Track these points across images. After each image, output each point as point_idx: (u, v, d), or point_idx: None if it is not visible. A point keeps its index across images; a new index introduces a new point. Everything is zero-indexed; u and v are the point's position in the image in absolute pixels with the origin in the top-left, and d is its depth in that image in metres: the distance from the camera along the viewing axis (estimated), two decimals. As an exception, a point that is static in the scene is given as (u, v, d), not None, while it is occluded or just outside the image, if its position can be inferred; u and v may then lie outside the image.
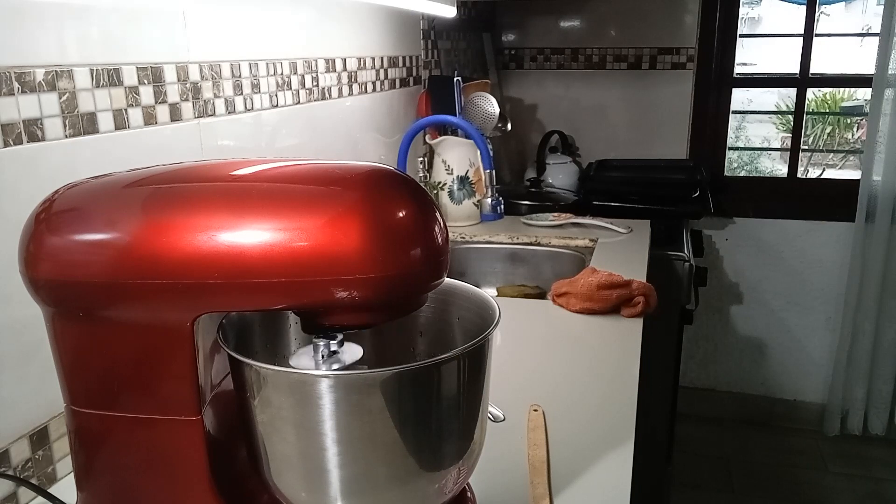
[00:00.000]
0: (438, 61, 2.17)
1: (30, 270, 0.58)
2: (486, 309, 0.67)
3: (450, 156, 1.90)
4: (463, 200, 1.91)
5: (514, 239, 1.84)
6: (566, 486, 0.81)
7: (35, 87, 0.78)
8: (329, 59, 1.48)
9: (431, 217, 0.56)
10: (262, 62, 1.23)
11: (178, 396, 0.59)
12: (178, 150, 1.02)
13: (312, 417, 0.56)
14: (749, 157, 4.85)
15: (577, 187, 2.46)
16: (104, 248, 0.57)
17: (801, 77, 2.66)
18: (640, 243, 1.79)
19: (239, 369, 0.59)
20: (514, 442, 0.90)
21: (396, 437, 0.58)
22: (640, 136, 2.72)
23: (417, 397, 0.58)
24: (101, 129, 0.88)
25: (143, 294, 0.56)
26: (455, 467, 0.62)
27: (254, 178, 0.60)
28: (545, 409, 0.97)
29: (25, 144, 0.77)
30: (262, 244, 0.53)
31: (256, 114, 1.22)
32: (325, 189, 0.55)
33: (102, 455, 0.64)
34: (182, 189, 0.59)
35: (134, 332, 0.58)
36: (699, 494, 2.38)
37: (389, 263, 0.53)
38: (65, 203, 0.60)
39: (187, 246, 0.54)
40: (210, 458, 0.61)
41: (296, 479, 0.61)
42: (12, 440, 0.78)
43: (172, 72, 1.00)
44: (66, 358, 0.61)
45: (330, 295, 0.54)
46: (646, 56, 2.65)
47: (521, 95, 2.81)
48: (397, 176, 0.57)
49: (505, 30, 2.77)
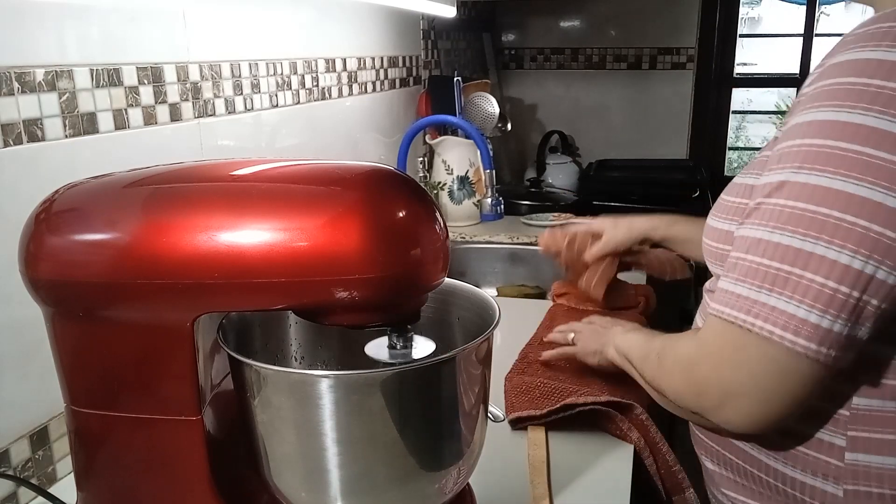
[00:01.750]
0: (438, 61, 2.17)
1: (30, 270, 0.58)
2: (486, 309, 0.67)
3: (450, 156, 1.90)
4: (463, 200, 1.91)
5: (514, 239, 1.84)
6: (566, 486, 0.81)
7: (35, 87, 0.78)
8: (329, 59, 1.48)
9: (431, 217, 0.56)
10: (262, 62, 1.23)
11: (178, 396, 0.59)
12: (178, 150, 1.02)
13: (312, 417, 0.56)
14: (749, 157, 4.85)
15: (577, 187, 2.46)
16: (104, 248, 0.57)
17: (801, 77, 2.66)
18: (640, 243, 1.78)
19: (239, 369, 0.59)
20: (514, 442, 0.90)
21: (396, 437, 0.58)
22: (640, 136, 2.72)
23: (417, 397, 0.58)
24: (101, 129, 0.88)
25: (143, 294, 0.56)
26: (455, 467, 0.62)
27: (254, 178, 0.60)
28: (545, 409, 0.97)
29: (25, 144, 0.77)
30: (262, 244, 0.53)
31: (256, 114, 1.22)
32: (325, 189, 0.55)
33: (102, 455, 0.64)
34: (182, 189, 0.59)
35: (134, 332, 0.58)
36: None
37: (389, 263, 0.53)
38: (65, 203, 0.60)
39: (187, 246, 0.54)
40: (210, 458, 0.61)
41: (296, 479, 0.61)
42: (12, 440, 0.78)
43: (172, 72, 1.00)
44: (66, 358, 0.61)
45: (330, 295, 0.54)
46: (646, 56, 2.65)
47: (521, 95, 2.81)
48: (397, 176, 0.57)
49: (505, 30, 2.78)
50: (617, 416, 0.90)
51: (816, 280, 0.57)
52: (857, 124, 0.56)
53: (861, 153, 0.55)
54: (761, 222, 0.60)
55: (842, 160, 0.56)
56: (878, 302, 0.57)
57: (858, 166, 0.55)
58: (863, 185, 0.55)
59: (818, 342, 0.57)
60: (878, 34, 0.57)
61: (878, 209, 0.55)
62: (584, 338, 0.98)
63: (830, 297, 0.56)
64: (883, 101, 0.55)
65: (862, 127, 0.56)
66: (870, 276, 0.56)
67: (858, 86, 0.56)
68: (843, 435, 0.65)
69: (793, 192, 0.58)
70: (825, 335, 0.57)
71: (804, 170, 0.58)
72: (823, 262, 0.56)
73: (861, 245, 0.55)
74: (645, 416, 0.90)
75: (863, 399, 0.64)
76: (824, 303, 0.56)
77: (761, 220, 0.60)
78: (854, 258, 0.56)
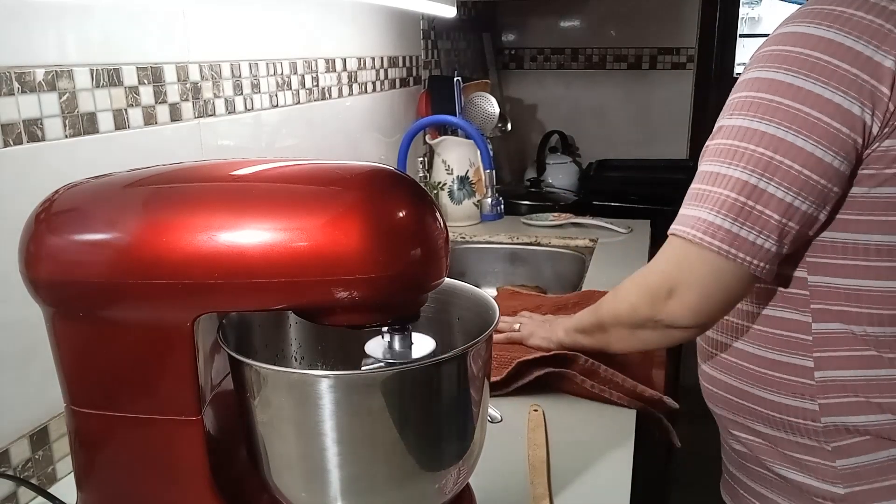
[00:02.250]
0: (438, 61, 2.17)
1: (30, 270, 0.58)
2: (486, 309, 0.67)
3: (450, 156, 1.90)
4: (463, 200, 1.91)
5: (514, 239, 1.84)
6: (566, 486, 0.81)
7: (35, 87, 0.78)
8: (329, 59, 1.48)
9: (431, 217, 0.56)
10: (262, 62, 1.23)
11: (178, 396, 0.59)
12: (178, 150, 1.02)
13: (312, 417, 0.56)
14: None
15: (577, 187, 2.46)
16: (104, 248, 0.57)
17: (801, 77, 2.66)
18: (641, 243, 1.79)
19: (239, 369, 0.59)
20: (514, 442, 0.90)
21: (396, 437, 0.58)
22: (640, 136, 2.72)
23: (417, 397, 0.58)
24: (101, 129, 0.88)
25: (143, 294, 0.56)
26: (455, 467, 0.62)
27: (254, 178, 0.60)
28: (545, 409, 0.97)
29: (25, 144, 0.77)
30: (262, 244, 0.53)
31: (256, 114, 1.22)
32: (325, 189, 0.55)
33: (102, 455, 0.64)
34: (182, 189, 0.59)
35: (134, 332, 0.58)
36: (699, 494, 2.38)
37: (389, 263, 0.53)
38: (65, 203, 0.60)
39: (187, 246, 0.54)
40: (210, 458, 0.61)
41: (296, 479, 0.61)
42: (12, 440, 0.78)
43: (172, 72, 1.00)
44: (66, 358, 0.61)
45: (330, 295, 0.54)
46: (646, 56, 2.65)
47: (521, 95, 2.81)
48: (397, 176, 0.57)
49: (505, 30, 2.78)
50: (568, 372, 0.99)
51: (723, 193, 0.73)
52: (778, 80, 0.72)
53: (772, 101, 0.72)
54: (704, 159, 0.77)
55: (758, 107, 0.73)
56: (773, 213, 0.72)
57: (770, 111, 0.72)
58: (771, 125, 0.72)
59: (728, 244, 0.73)
60: (810, 13, 0.74)
61: (779, 142, 0.71)
62: (529, 326, 1.09)
63: (731, 205, 0.72)
64: (798, 64, 0.71)
65: (779, 82, 0.72)
66: (762, 190, 0.71)
67: (785, 52, 0.73)
68: (810, 357, 0.80)
69: (723, 133, 0.75)
70: (733, 238, 0.72)
71: (735, 115, 0.75)
72: (729, 179, 0.73)
73: (756, 165, 0.72)
74: (589, 362, 0.98)
75: (820, 325, 0.79)
76: (727, 209, 0.72)
77: (704, 157, 0.77)
78: (751, 175, 0.72)
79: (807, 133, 0.70)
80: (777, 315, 0.82)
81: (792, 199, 0.71)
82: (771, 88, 0.72)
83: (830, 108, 0.70)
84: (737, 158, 0.73)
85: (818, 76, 0.70)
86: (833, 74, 0.70)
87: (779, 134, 0.71)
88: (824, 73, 0.70)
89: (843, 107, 0.70)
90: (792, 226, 0.73)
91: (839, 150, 0.71)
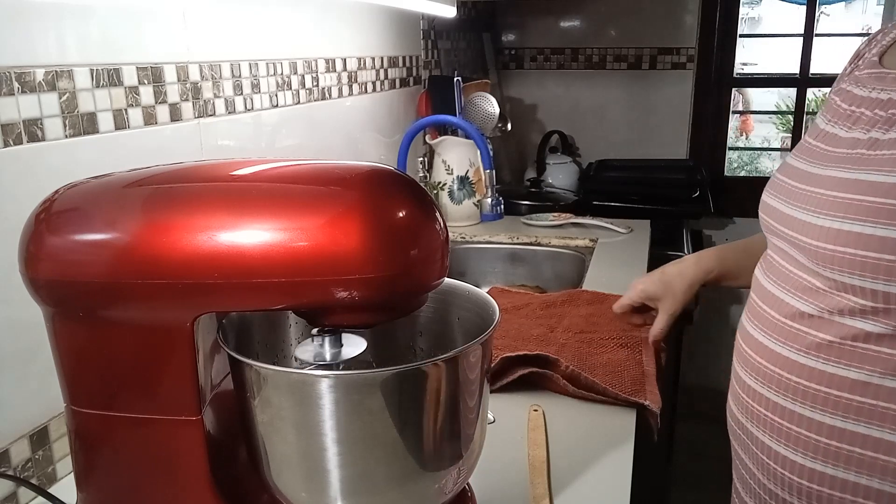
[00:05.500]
0: (438, 61, 2.17)
1: (30, 270, 0.58)
2: (486, 309, 0.67)
3: (450, 156, 1.90)
4: (463, 200, 1.91)
5: (514, 239, 1.84)
6: (566, 486, 0.81)
7: (35, 87, 0.78)
8: (329, 59, 1.48)
9: (431, 217, 0.56)
10: (262, 62, 1.23)
11: (178, 396, 0.59)
12: (178, 150, 1.02)
13: (312, 417, 0.56)
14: (749, 157, 4.85)
15: (577, 187, 2.46)
16: (104, 248, 0.57)
17: (802, 77, 2.66)
18: (641, 243, 1.79)
19: (239, 369, 0.59)
20: (514, 442, 0.90)
21: (396, 437, 0.58)
22: (640, 137, 2.72)
23: (417, 397, 0.58)
24: (101, 129, 0.88)
25: (143, 294, 0.56)
26: (455, 467, 0.62)
27: (254, 178, 0.60)
28: (545, 409, 0.97)
29: (25, 144, 0.77)
30: (262, 244, 0.53)
31: (256, 114, 1.22)
32: (325, 189, 0.55)
33: (102, 455, 0.64)
34: (182, 189, 0.59)
35: (134, 332, 0.58)
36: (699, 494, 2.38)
37: (389, 263, 0.53)
38: (65, 203, 0.60)
39: (187, 246, 0.54)
40: (210, 458, 0.61)
41: (296, 479, 0.61)
42: (12, 440, 0.78)
43: (172, 72, 1.00)
44: (66, 358, 0.61)
45: (330, 295, 0.54)
46: (646, 56, 2.65)
47: (521, 95, 2.81)
48: (397, 176, 0.57)
49: (505, 30, 2.77)
50: (551, 374, 1.01)
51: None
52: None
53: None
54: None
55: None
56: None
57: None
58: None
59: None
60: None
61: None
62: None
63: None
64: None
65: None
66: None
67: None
68: None
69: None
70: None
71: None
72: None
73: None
74: (570, 368, 1.00)
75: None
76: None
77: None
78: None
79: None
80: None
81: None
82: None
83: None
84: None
85: None
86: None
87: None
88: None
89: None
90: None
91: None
